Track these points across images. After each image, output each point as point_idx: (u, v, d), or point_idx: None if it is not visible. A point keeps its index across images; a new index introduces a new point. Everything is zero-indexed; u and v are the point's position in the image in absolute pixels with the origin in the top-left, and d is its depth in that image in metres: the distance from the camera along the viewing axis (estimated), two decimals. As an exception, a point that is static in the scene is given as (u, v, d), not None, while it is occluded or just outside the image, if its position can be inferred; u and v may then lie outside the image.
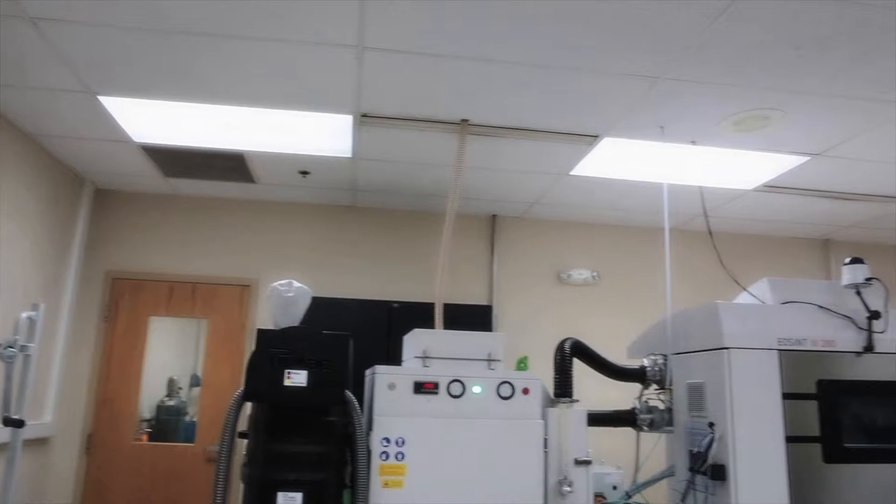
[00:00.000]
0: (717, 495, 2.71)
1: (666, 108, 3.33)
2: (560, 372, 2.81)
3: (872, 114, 3.35)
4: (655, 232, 5.17)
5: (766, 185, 4.39)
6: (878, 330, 2.87)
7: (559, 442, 2.60)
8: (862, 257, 2.95)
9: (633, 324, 3.81)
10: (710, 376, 2.80)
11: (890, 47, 2.75)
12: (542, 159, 4.05)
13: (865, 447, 2.81)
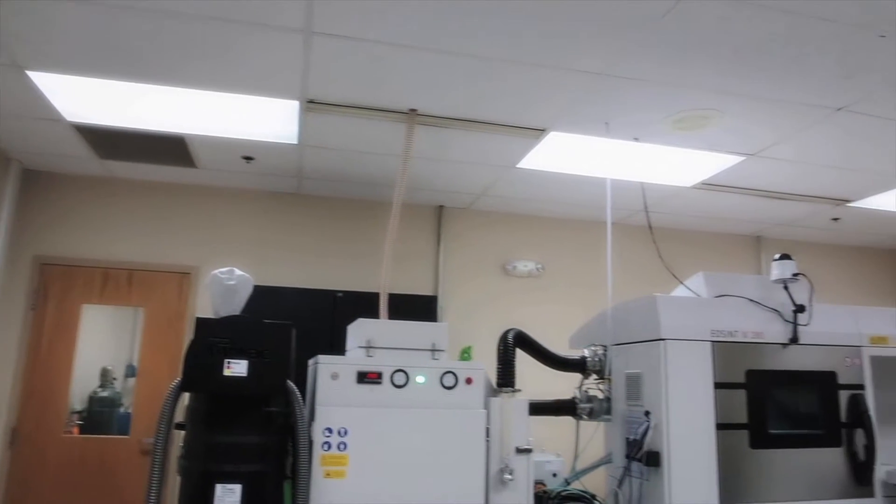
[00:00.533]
0: (651, 481, 2.79)
1: (611, 105, 3.40)
2: (503, 362, 2.84)
3: (804, 118, 3.50)
4: (598, 226, 5.28)
5: (703, 182, 4.54)
6: (803, 323, 3.01)
7: (501, 431, 2.63)
8: (790, 254, 3.09)
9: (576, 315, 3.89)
10: (648, 366, 2.88)
11: (820, 56, 2.87)
12: (490, 151, 4.08)
13: (788, 433, 2.95)
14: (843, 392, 3.07)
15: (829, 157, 4.05)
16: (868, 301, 6.08)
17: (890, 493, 3.01)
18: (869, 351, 3.14)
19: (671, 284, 3.42)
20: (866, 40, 2.76)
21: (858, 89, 3.18)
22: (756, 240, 6.03)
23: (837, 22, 2.62)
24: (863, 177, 4.41)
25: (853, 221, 5.46)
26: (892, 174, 4.35)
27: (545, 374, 3.28)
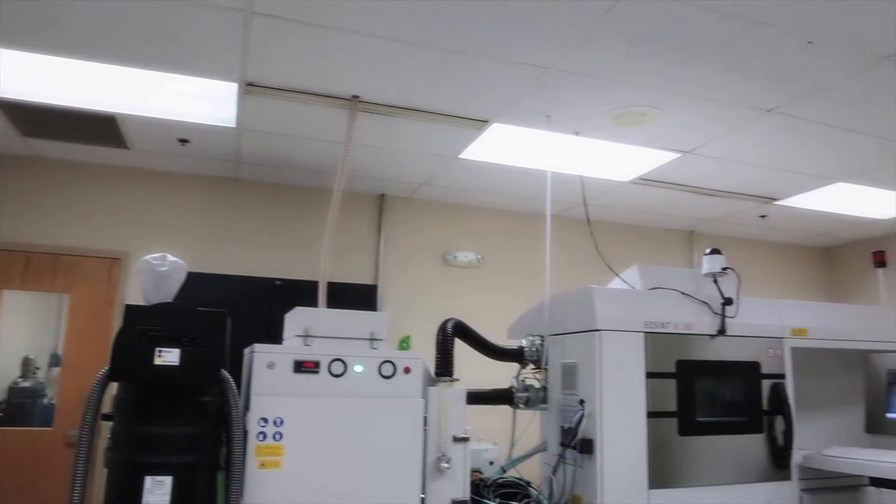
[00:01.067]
0: (584, 467, 2.86)
1: (553, 98, 3.44)
2: (441, 351, 2.85)
3: (736, 118, 3.62)
4: (538, 217, 5.35)
5: (640, 178, 4.65)
6: (730, 315, 3.13)
7: (439, 420, 2.64)
8: (720, 249, 3.20)
9: (515, 305, 3.93)
10: (583, 356, 2.95)
11: (754, 59, 2.98)
12: (433, 141, 4.07)
13: (714, 420, 3.07)
14: (766, 381, 3.21)
15: (759, 156, 4.22)
16: (792, 295, 6.38)
17: (805, 475, 3.18)
18: (790, 342, 3.30)
19: (608, 276, 3.49)
20: (796, 46, 2.87)
21: (787, 93, 3.32)
22: (689, 234, 6.23)
23: (770, 26, 2.73)
24: (789, 176, 4.60)
25: (779, 219, 5.70)
26: (815, 175, 4.55)
27: (484, 364, 3.31)
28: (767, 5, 2.58)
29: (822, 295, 6.63)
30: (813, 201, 5.18)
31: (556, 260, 3.53)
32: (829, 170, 4.46)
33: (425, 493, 2.57)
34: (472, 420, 2.79)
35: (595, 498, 2.76)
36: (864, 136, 3.84)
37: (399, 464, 2.52)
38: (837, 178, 4.64)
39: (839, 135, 3.83)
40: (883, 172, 4.50)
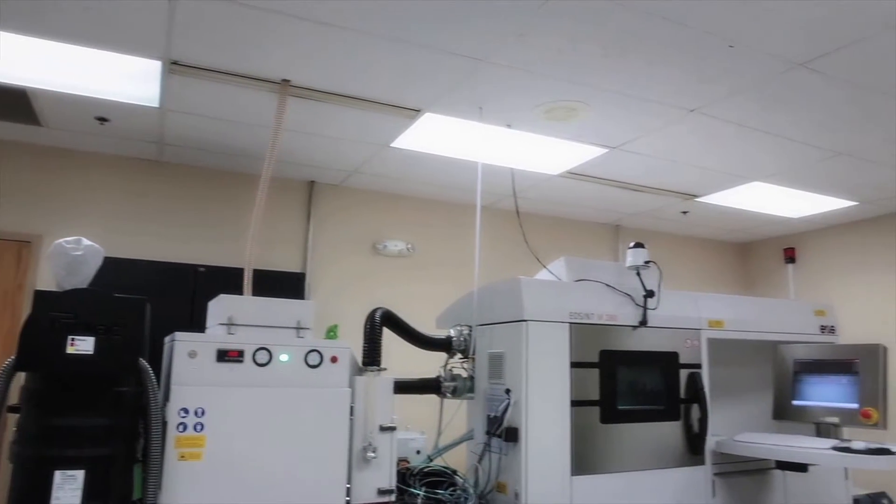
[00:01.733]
0: (509, 455, 2.91)
1: (485, 91, 3.45)
2: (369, 341, 2.83)
3: (661, 116, 3.74)
4: (468, 208, 5.36)
5: (569, 171, 4.74)
6: (652, 307, 3.24)
7: (365, 409, 2.63)
8: (643, 242, 3.30)
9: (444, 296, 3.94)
10: (510, 346, 2.99)
11: (679, 60, 3.08)
12: (364, 129, 4.03)
13: (634, 409, 3.17)
14: (684, 371, 3.34)
15: (682, 154, 4.37)
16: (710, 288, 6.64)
17: (717, 460, 3.33)
18: (707, 333, 3.44)
19: (536, 268, 3.55)
20: (718, 49, 2.98)
21: (709, 94, 3.44)
22: (615, 228, 6.40)
23: (694, 29, 2.82)
24: (709, 175, 4.79)
25: (700, 215, 5.93)
26: (734, 174, 4.75)
27: (411, 353, 3.31)
28: (692, 8, 2.67)
29: (738, 288, 6.94)
30: (731, 199, 5.41)
31: (485, 251, 3.57)
32: (746, 169, 4.67)
33: (351, 482, 2.55)
34: (400, 409, 2.79)
35: (519, 485, 2.81)
36: (779, 138, 4.04)
37: (324, 454, 2.49)
38: (754, 178, 4.86)
39: (756, 136, 4.01)
40: (795, 174, 4.74)
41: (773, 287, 6.78)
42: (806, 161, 4.45)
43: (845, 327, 4.08)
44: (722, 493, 3.32)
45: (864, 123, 3.83)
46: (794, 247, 6.64)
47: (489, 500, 2.95)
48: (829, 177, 4.81)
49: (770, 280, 6.87)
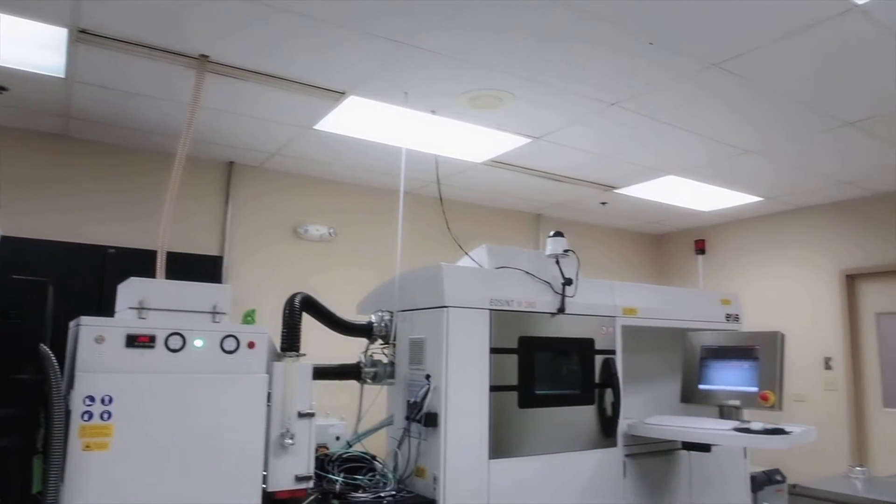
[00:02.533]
0: (428, 440, 2.93)
1: (411, 75, 3.43)
2: (288, 326, 2.78)
3: (583, 108, 3.82)
4: (392, 194, 5.35)
5: (493, 160, 4.79)
6: (570, 295, 3.32)
7: (284, 396, 2.59)
8: (563, 231, 3.38)
9: (366, 281, 3.92)
10: (431, 332, 3.00)
11: (601, 54, 3.15)
12: (286, 110, 3.93)
13: (551, 393, 3.26)
14: (599, 356, 3.45)
15: (602, 146, 4.48)
16: (625, 277, 6.89)
17: (628, 442, 3.46)
18: (621, 321, 3.56)
19: (458, 255, 3.58)
20: (638, 45, 3.07)
21: (629, 88, 3.54)
22: (537, 217, 6.52)
23: (616, 24, 2.89)
24: (627, 167, 4.94)
25: (617, 206, 6.12)
26: (650, 167, 4.93)
27: (332, 339, 3.28)
28: (614, 4, 2.73)
29: (652, 277, 7.22)
30: (647, 191, 5.60)
31: (408, 237, 3.56)
32: (661, 163, 4.84)
33: (268, 470, 2.51)
34: (319, 396, 2.76)
35: (438, 469, 2.84)
36: (693, 134, 4.21)
37: (240, 441, 2.44)
38: (669, 172, 5.05)
39: (672, 132, 4.16)
40: (707, 169, 4.95)
41: (684, 277, 7.09)
42: (717, 157, 4.66)
43: (748, 316, 4.31)
44: (632, 474, 3.46)
45: (769, 124, 4.04)
46: (704, 239, 6.96)
47: (408, 484, 2.97)
48: (737, 173, 5.06)
49: (682, 270, 7.18)
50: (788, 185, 5.40)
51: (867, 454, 5.53)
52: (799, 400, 5.78)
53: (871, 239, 5.65)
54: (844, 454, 5.48)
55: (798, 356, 5.71)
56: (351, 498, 2.76)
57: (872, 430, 5.57)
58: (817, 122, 3.99)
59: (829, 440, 5.49)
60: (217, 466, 2.37)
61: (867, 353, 5.69)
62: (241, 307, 4.44)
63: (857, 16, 2.79)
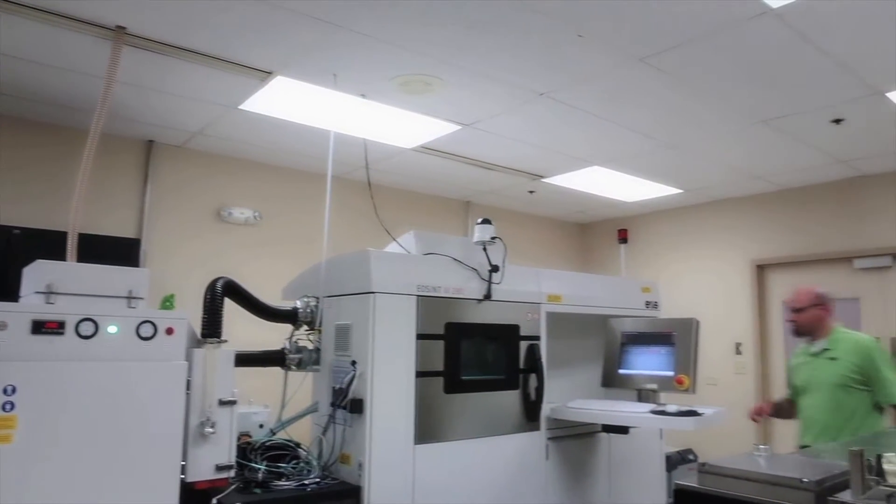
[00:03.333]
0: (353, 427, 2.92)
1: (340, 57, 3.37)
2: (209, 312, 2.70)
3: (513, 97, 3.85)
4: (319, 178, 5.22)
5: (422, 146, 4.77)
6: (496, 282, 3.36)
7: (204, 383, 2.52)
8: (490, 219, 3.41)
9: (292, 266, 3.83)
10: (357, 318, 2.98)
11: (531, 44, 3.17)
12: (210, 88, 3.79)
13: (477, 379, 3.29)
14: (524, 342, 3.51)
15: (531, 135, 4.54)
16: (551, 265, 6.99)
17: (551, 426, 3.55)
18: (546, 307, 3.63)
19: (386, 240, 3.56)
20: (567, 37, 3.11)
21: (558, 79, 3.59)
22: (466, 204, 6.56)
23: (546, 15, 2.91)
24: (555, 157, 5.02)
25: (545, 195, 6.22)
26: (577, 157, 5.02)
27: (257, 325, 3.21)
28: (544, -7, 2.75)
29: (576, 265, 7.39)
30: (573, 181, 5.72)
31: (335, 222, 3.52)
32: (588, 154, 4.95)
33: (187, 459, 2.44)
34: (243, 383, 2.70)
35: (363, 455, 2.84)
36: (618, 127, 4.31)
37: (157, 431, 2.36)
38: (594, 162, 5.17)
39: (598, 123, 4.25)
40: (630, 161, 5.10)
41: (607, 265, 7.29)
42: (640, 150, 4.80)
43: (666, 303, 4.48)
44: (554, 456, 3.55)
45: (689, 119, 4.19)
46: (626, 228, 7.17)
47: (333, 471, 2.95)
48: (659, 166, 5.23)
49: (605, 258, 7.38)
50: (706, 178, 5.62)
51: (772, 433, 5.86)
52: (711, 383, 6.06)
53: (779, 231, 5.96)
54: (752, 434, 5.79)
55: (711, 342, 5.97)
56: (274, 486, 2.72)
57: (777, 411, 5.89)
58: (734, 119, 4.16)
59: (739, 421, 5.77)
60: (132, 458, 2.28)
61: (774, 338, 6.02)
62: (159, 292, 4.28)
63: (771, 19, 2.92)
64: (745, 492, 2.13)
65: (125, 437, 2.28)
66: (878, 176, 5.35)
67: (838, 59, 3.31)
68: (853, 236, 5.48)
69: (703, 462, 2.29)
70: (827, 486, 2.05)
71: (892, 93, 3.72)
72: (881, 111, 4.00)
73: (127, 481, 2.26)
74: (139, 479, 2.29)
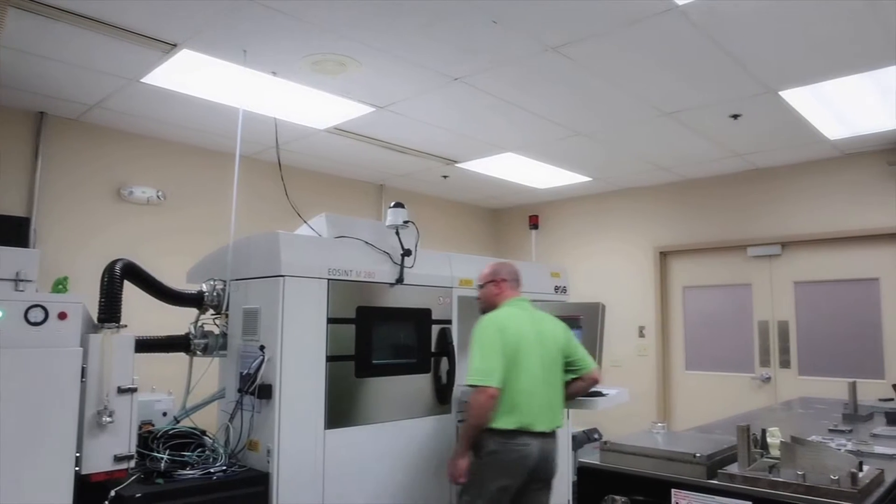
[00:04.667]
0: (262, 413, 2.86)
1: (250, 32, 3.25)
2: (107, 295, 2.58)
3: (428, 81, 3.84)
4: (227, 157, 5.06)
5: (336, 127, 4.69)
6: (409, 266, 3.36)
7: (101, 370, 2.40)
8: (404, 203, 3.40)
9: (198, 248, 3.70)
10: (266, 302, 2.92)
11: (447, 27, 3.16)
12: (109, 58, 3.57)
13: (388, 363, 3.30)
14: (436, 326, 3.54)
15: (445, 120, 4.55)
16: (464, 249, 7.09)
17: (461, 408, 3.60)
18: (458, 291, 3.67)
19: (297, 223, 3.49)
20: (482, 23, 3.12)
21: (472, 65, 3.61)
22: (379, 187, 6.52)
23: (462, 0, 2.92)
24: (469, 142, 5.06)
25: (459, 180, 6.26)
26: (490, 143, 5.08)
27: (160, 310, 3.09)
28: (460, -23, 2.75)
29: (489, 251, 7.50)
30: (487, 167, 5.78)
31: (244, 203, 3.42)
32: (501, 140, 5.01)
33: (82, 451, 2.33)
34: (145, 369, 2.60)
35: (272, 442, 2.79)
36: (530, 114, 4.38)
37: (49, 422, 2.23)
38: (507, 149, 5.24)
39: (511, 110, 4.31)
40: (541, 148, 5.20)
41: (519, 250, 7.44)
42: (551, 137, 4.90)
43: (575, 287, 4.62)
44: (464, 438, 3.59)
45: (599, 109, 4.31)
46: (537, 214, 7.33)
47: (240, 458, 2.88)
48: (568, 153, 5.36)
49: (517, 244, 7.52)
50: (614, 167, 5.81)
51: (672, 412, 6.19)
52: (616, 365, 6.32)
53: (681, 220, 6.26)
54: (653, 413, 6.09)
55: (616, 325, 6.22)
56: (178, 476, 2.63)
57: (676, 390, 6.23)
58: (641, 110, 4.32)
59: (641, 401, 6.07)
60: (20, 451, 2.16)
61: (674, 322, 6.33)
62: (51, 275, 4.01)
63: (677, 16, 3.03)
64: (643, 467, 2.24)
65: (13, 429, 2.15)
66: (771, 169, 5.70)
67: (737, 58, 3.49)
68: (747, 226, 5.82)
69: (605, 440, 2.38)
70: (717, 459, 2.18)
71: (785, 91, 3.96)
72: (775, 109, 4.25)
73: (15, 476, 2.13)
74: (29, 473, 2.17)
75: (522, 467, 2.92)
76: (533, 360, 3.02)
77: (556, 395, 3.09)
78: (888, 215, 5.07)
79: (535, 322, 3.15)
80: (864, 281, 5.25)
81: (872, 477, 1.98)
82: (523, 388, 2.97)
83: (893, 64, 3.57)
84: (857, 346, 5.22)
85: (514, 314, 3.15)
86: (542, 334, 3.10)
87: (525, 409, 2.96)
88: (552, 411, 3.05)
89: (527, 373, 3.00)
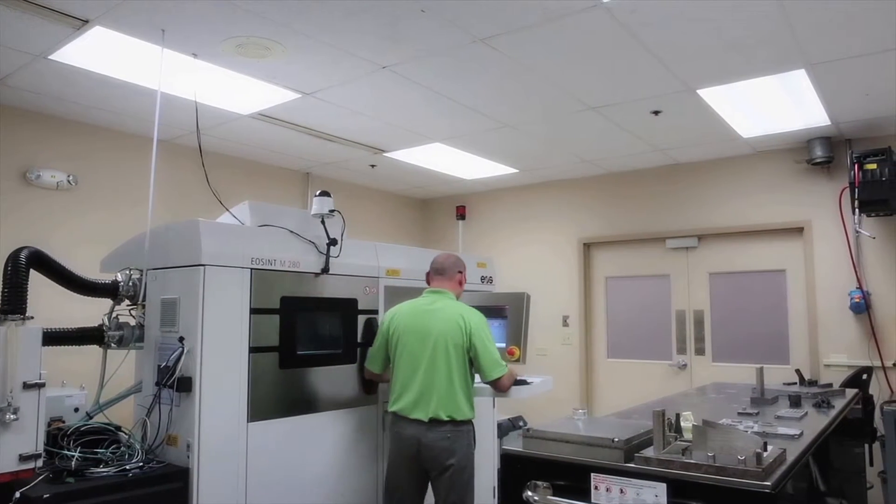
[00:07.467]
0: (181, 406, 2.78)
1: (169, 11, 3.12)
2: (11, 285, 2.43)
3: (355, 69, 3.78)
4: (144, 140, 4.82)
5: (260, 113, 4.57)
6: (334, 255, 3.33)
7: (5, 364, 2.27)
8: (330, 191, 3.35)
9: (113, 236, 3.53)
10: (185, 292, 2.83)
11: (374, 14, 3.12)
12: (11, 33, 3.35)
13: (314, 353, 3.26)
14: (362, 316, 3.52)
15: (372, 108, 4.50)
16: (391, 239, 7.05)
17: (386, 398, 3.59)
18: (384, 281, 3.66)
19: (219, 211, 3.39)
20: (412, 12, 3.10)
21: (400, 53, 3.58)
22: (305, 175, 6.40)
23: (388, -15, 2.88)
24: (397, 131, 5.03)
25: (386, 169, 6.23)
26: (418, 133, 5.07)
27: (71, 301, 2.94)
28: (388, -36, 2.72)
29: (416, 240, 7.50)
30: (414, 156, 5.77)
31: (162, 189, 3.29)
32: (429, 130, 5.00)
33: (-19, 450, 2.20)
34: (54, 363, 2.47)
35: (192, 436, 2.71)
36: (458, 105, 4.40)
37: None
38: (435, 139, 5.24)
39: (439, 100, 4.31)
40: (469, 139, 5.23)
41: (446, 241, 7.47)
42: (478, 128, 4.93)
43: (501, 278, 4.68)
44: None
45: (524, 101, 4.37)
46: (465, 205, 7.38)
47: (158, 454, 2.79)
48: (495, 145, 5.41)
49: (444, 234, 7.55)
50: (540, 159, 5.91)
51: (594, 398, 6.38)
52: (541, 354, 6.45)
53: (605, 212, 6.43)
54: (576, 399, 6.26)
55: (542, 315, 6.33)
56: (90, 474, 2.52)
57: (598, 378, 6.42)
58: (566, 104, 4.40)
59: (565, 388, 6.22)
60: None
61: (597, 312, 6.52)
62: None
63: (601, 12, 3.10)
64: (564, 453, 2.30)
65: None
66: (689, 164, 5.93)
67: (658, 55, 3.60)
68: (667, 219, 6.04)
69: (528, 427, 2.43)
70: (634, 443, 2.26)
71: (703, 90, 4.13)
72: (693, 106, 4.41)
73: None
74: (-79, 474, 2.03)
75: (404, 449, 3.14)
76: (412, 350, 3.20)
77: (440, 386, 3.13)
78: (795, 211, 5.37)
79: (427, 314, 3.27)
80: (772, 272, 5.54)
81: (775, 456, 2.10)
82: (399, 377, 3.22)
83: (800, 68, 3.77)
84: (765, 334, 5.52)
85: (412, 305, 3.36)
86: (428, 327, 3.21)
87: (403, 397, 3.18)
88: (431, 401, 3.12)
89: (404, 362, 3.21)
